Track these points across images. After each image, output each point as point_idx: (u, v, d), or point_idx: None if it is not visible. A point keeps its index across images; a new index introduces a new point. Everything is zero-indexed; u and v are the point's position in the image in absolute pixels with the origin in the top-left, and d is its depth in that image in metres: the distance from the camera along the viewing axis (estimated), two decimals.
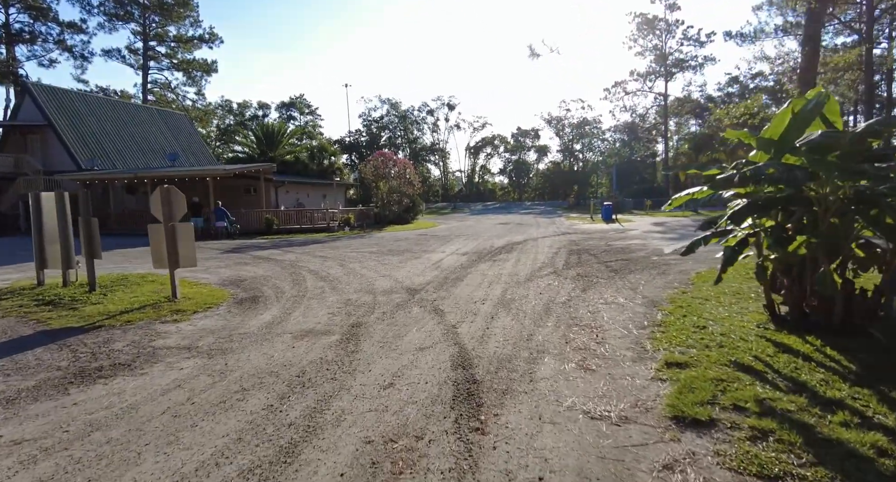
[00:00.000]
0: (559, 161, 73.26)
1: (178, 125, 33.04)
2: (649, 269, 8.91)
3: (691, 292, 6.75)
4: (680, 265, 9.34)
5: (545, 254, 11.52)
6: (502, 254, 11.74)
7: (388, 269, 9.71)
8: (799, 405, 2.98)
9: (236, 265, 10.92)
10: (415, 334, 5.04)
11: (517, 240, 15.64)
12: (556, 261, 10.42)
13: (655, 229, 18.97)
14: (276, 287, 8.08)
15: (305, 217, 22.61)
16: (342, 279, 8.68)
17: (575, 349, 4.43)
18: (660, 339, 4.58)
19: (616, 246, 13.02)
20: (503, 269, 9.35)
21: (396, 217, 25.38)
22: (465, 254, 12.13)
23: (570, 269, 9.18)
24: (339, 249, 13.89)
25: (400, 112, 70.19)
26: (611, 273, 8.66)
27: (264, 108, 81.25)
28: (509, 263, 10.21)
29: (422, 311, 6.07)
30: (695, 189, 5.83)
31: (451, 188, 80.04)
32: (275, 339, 5.01)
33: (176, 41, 42.89)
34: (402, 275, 9.00)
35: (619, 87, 53.07)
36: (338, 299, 6.98)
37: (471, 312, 5.94)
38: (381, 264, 10.51)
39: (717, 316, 5.39)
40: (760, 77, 56.10)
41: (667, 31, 46.43)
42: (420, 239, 17.00)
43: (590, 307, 6.09)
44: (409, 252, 12.76)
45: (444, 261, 10.71)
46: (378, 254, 12.33)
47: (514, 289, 7.38)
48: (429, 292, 7.28)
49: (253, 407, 3.34)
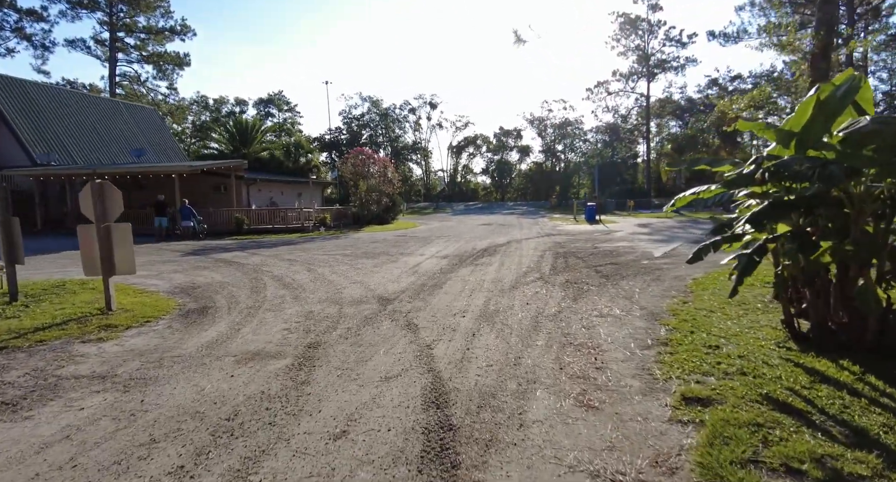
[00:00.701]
0: (541, 161, 73.09)
1: (147, 120, 31.45)
2: (642, 275, 8.29)
3: (693, 302, 6.11)
4: (674, 270, 8.75)
5: (530, 258, 10.83)
6: (485, 258, 11.01)
7: (361, 275, 8.88)
8: (872, 467, 2.29)
9: (194, 269, 9.94)
10: (382, 358, 4.25)
11: (500, 242, 14.95)
12: (543, 265, 9.74)
13: (641, 231, 18.53)
14: (231, 296, 7.19)
15: (279, 216, 21.54)
16: (307, 286, 7.82)
17: (572, 377, 3.70)
18: (669, 363, 3.89)
19: (603, 248, 12.43)
20: (486, 275, 8.62)
21: (375, 217, 24.47)
22: (445, 257, 11.36)
23: (558, 275, 8.49)
24: (310, 251, 12.97)
25: (381, 110, 69.04)
26: (602, 279, 8.01)
27: (241, 104, 79.21)
28: (492, 268, 9.48)
29: (393, 327, 5.28)
30: (700, 187, 5.19)
31: (433, 188, 79.24)
32: (213, 365, 4.16)
33: (146, 32, 40.99)
34: (375, 281, 8.19)
35: (602, 88, 53.11)
36: (298, 311, 6.13)
37: (449, 328, 5.18)
38: (353, 269, 9.66)
39: (727, 331, 4.74)
40: (739, 80, 56.99)
41: (649, 32, 46.53)
42: (399, 240, 16.18)
43: (583, 321, 5.38)
44: (386, 255, 11.94)
45: (423, 266, 9.93)
46: (352, 258, 11.47)
47: (498, 298, 6.64)
48: (403, 302, 6.49)
49: (156, 470, 2.51)
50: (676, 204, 5.37)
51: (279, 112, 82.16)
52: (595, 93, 54.39)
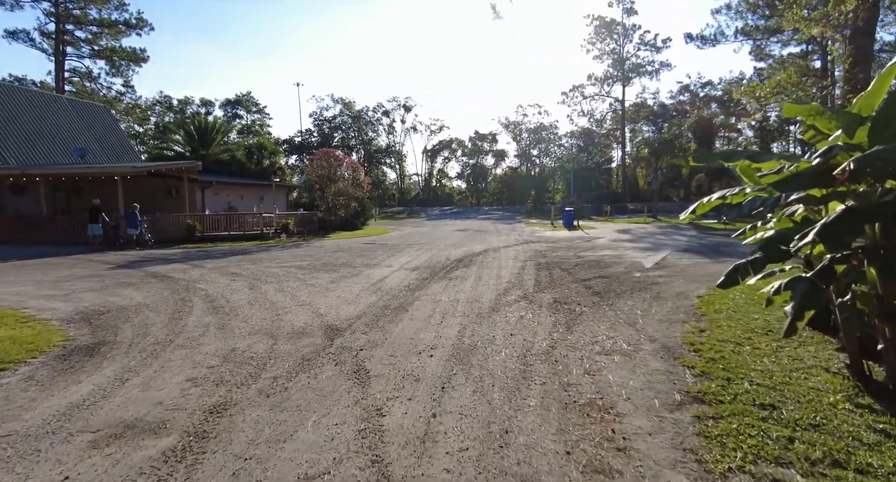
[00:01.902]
0: (517, 166, 72.72)
1: (96, 118, 29.03)
2: (639, 291, 7.21)
3: (711, 331, 5.02)
4: (672, 285, 7.72)
5: (510, 270, 9.66)
6: (460, 270, 9.78)
7: (312, 294, 7.51)
8: None
9: (115, 287, 8.36)
10: (308, 435, 2.94)
11: (477, 250, 13.76)
12: (525, 278, 8.57)
13: (623, 237, 17.68)
14: (142, 325, 5.72)
15: (236, 222, 19.81)
16: (242, 310, 6.41)
17: (585, 470, 2.49)
18: (719, 440, 2.72)
19: (588, 258, 11.39)
20: (460, 293, 7.38)
21: (344, 223, 22.95)
22: (415, 269, 10.08)
23: (544, 292, 7.33)
24: (261, 263, 11.47)
25: (354, 112, 67.38)
26: (594, 297, 6.88)
27: (207, 105, 76.22)
28: (468, 283, 8.25)
29: (336, 375, 3.97)
30: (729, 191, 4.12)
31: (407, 192, 77.90)
32: (51, 451, 2.78)
33: (98, 25, 38.26)
34: (327, 302, 6.84)
35: (577, 91, 52.88)
36: (218, 349, 4.75)
37: (411, 376, 3.90)
38: (305, 285, 8.27)
39: (772, 378, 3.63)
40: (710, 86, 57.93)
41: (624, 36, 46.50)
42: (366, 249, 14.79)
43: (585, 361, 4.20)
44: (348, 267, 10.56)
45: (388, 281, 8.62)
46: (308, 271, 10.05)
47: (476, 327, 5.40)
48: (356, 334, 5.18)
49: None
50: (697, 210, 4.29)
51: (247, 113, 79.43)
52: (570, 96, 54.21)
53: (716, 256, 11.43)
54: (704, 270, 9.21)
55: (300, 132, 67.45)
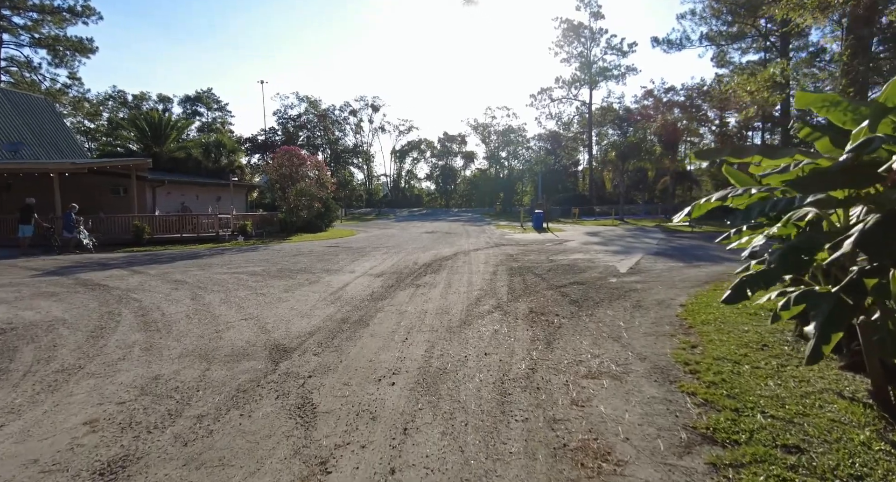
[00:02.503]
0: (485, 168, 72.70)
1: (33, 110, 26.75)
2: (618, 300, 6.77)
3: (703, 346, 4.57)
4: (651, 292, 7.33)
5: (482, 276, 9.10)
6: (428, 276, 9.14)
7: (262, 305, 6.71)
8: None
9: (32, 298, 7.29)
10: None
11: (446, 253, 13.16)
12: (497, 285, 8.03)
13: (593, 240, 17.47)
14: (49, 346, 4.82)
15: (190, 224, 18.50)
16: (177, 326, 5.57)
17: None
18: None
19: (560, 262, 10.98)
20: (428, 302, 6.75)
21: (307, 224, 21.87)
22: (379, 275, 9.38)
23: (519, 301, 6.79)
24: (211, 268, 10.49)
25: (319, 111, 65.72)
26: (572, 306, 6.39)
27: (165, 101, 72.94)
28: (437, 291, 7.63)
29: (276, 412, 3.27)
30: (731, 191, 3.68)
31: (376, 193, 76.64)
32: None
33: (38, 11, 35.53)
34: (277, 315, 6.07)
35: (545, 94, 53.16)
36: (135, 378, 3.94)
37: (367, 413, 3.24)
38: (255, 294, 7.44)
39: (786, 407, 3.17)
40: (672, 92, 59.50)
41: (591, 40, 47.02)
42: (328, 252, 13.94)
43: (570, 387, 3.64)
44: (306, 273, 9.75)
45: (349, 289, 7.90)
46: (261, 277, 9.18)
47: (445, 344, 4.78)
48: (306, 356, 4.47)
49: None
50: (693, 212, 3.83)
51: (208, 111, 76.45)
52: (538, 99, 54.45)
53: (689, 260, 11.23)
54: (681, 275, 8.92)
55: (263, 130, 65.21)
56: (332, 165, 68.80)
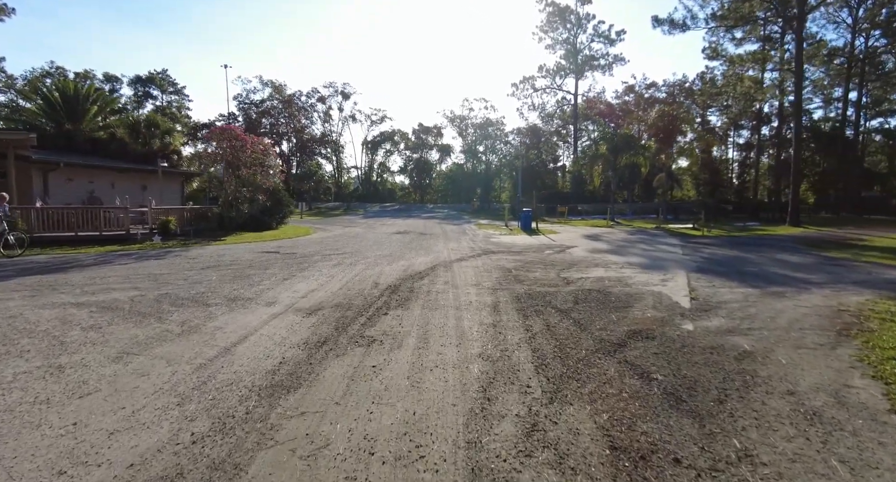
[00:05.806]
0: (462, 162, 69.36)
1: None
2: (747, 389, 3.48)
3: None
4: (783, 365, 4.08)
5: (477, 316, 5.70)
6: (391, 316, 5.68)
7: (74, 386, 3.09)
8: None
9: None
10: None
11: (420, 267, 9.68)
12: (510, 342, 4.63)
13: (599, 246, 14.32)
14: None
15: (93, 219, 14.41)
16: None
17: None
18: None
19: (581, 285, 7.69)
20: (382, 403, 3.28)
21: (251, 221, 17.95)
22: (312, 312, 5.85)
23: (567, 399, 3.40)
24: (52, 292, 6.68)
25: (285, 96, 60.94)
26: (677, 413, 3.05)
27: (112, 81, 66.70)
28: (403, 360, 4.18)
29: None
30: None
31: (346, 187, 72.32)
32: None
33: None
34: (53, 443, 2.48)
35: (528, 83, 50.06)
36: None
37: None
38: (36, 378, 3.81)
39: None
40: (654, 87, 57.54)
41: (578, 25, 44.10)
42: (258, 262, 10.25)
43: None
44: (194, 306, 6.11)
45: (241, 354, 4.35)
46: (110, 317, 5.50)
47: None
48: None
49: None
50: None
51: (162, 94, 70.45)
52: (521, 88, 51.31)
53: (755, 282, 8.13)
54: (783, 316, 5.76)
55: (222, 116, 60.06)
56: (298, 155, 64.02)
